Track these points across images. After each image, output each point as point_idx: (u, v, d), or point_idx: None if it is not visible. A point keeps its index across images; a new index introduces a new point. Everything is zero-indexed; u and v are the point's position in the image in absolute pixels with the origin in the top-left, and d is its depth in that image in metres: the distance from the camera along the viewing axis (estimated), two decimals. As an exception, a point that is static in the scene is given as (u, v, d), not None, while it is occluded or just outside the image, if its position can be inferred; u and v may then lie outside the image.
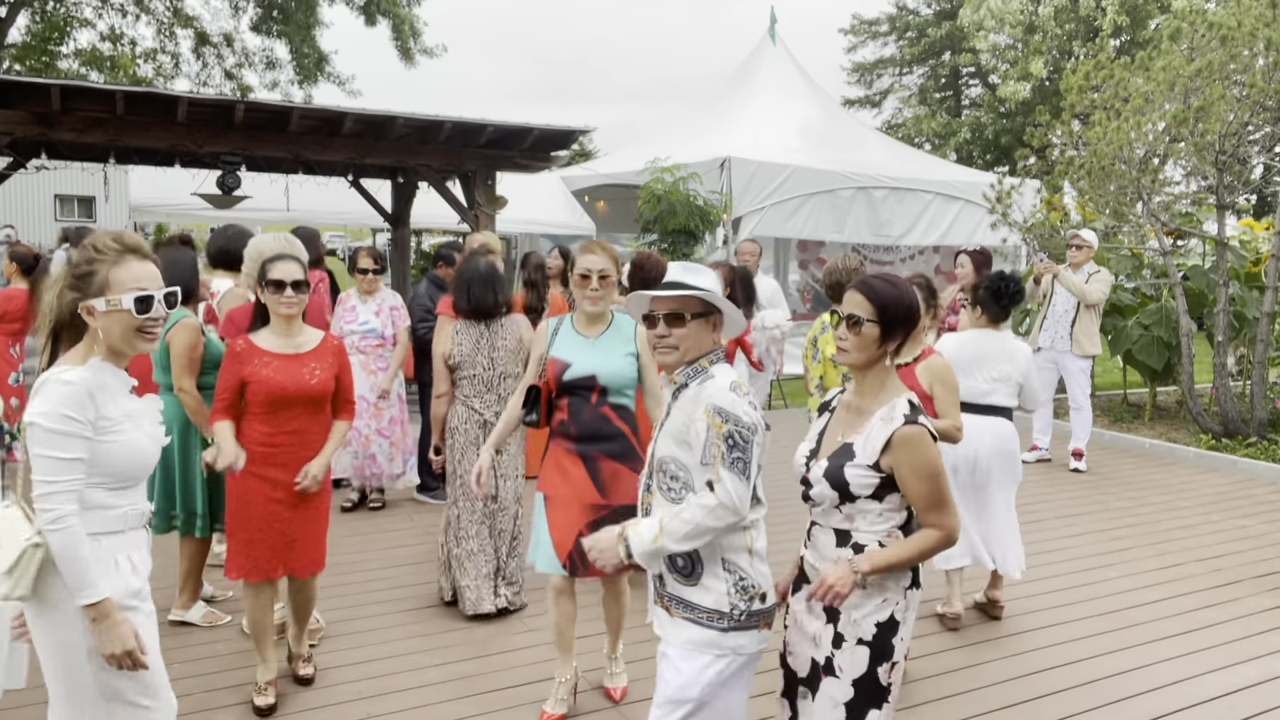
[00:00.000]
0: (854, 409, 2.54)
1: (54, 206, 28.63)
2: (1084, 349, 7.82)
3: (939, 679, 4.09)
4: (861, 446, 2.43)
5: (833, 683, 2.47)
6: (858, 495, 2.42)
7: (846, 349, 2.50)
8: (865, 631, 2.44)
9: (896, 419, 2.40)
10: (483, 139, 8.59)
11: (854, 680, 2.45)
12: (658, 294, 2.52)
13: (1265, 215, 14.89)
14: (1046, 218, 9.92)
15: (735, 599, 2.44)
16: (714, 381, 2.46)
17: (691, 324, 2.50)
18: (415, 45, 23.12)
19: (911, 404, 2.44)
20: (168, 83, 22.26)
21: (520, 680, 3.96)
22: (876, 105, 36.16)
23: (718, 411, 2.39)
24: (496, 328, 4.54)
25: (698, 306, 2.51)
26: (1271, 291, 8.38)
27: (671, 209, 10.82)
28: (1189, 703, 3.93)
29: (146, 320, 2.30)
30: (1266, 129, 8.71)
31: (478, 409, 4.54)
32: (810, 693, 2.53)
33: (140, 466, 2.35)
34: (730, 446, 2.36)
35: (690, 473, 2.47)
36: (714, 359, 2.54)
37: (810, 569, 2.57)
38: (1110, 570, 5.49)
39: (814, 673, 2.52)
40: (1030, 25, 26.64)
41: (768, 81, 14.25)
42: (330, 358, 3.68)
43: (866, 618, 2.44)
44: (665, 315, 2.51)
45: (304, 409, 3.60)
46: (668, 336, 2.51)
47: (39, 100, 7.24)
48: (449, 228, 12.94)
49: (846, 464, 2.43)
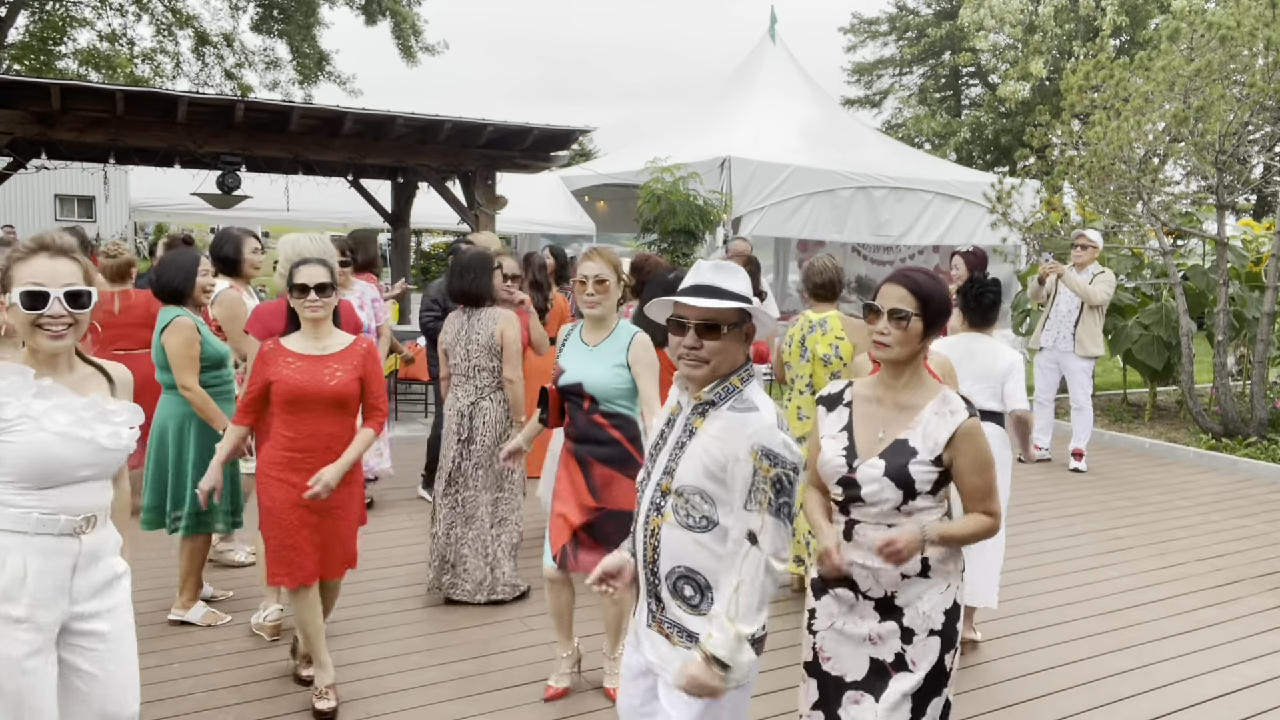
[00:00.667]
0: (891, 404, 2.50)
1: (54, 206, 28.63)
2: (1086, 349, 7.81)
3: (939, 679, 4.09)
4: (921, 442, 2.42)
5: (905, 678, 2.44)
6: (920, 491, 2.41)
7: (889, 343, 2.43)
8: (936, 621, 2.44)
9: (958, 412, 2.42)
10: (482, 139, 8.59)
11: (926, 672, 2.43)
12: (695, 301, 2.22)
13: (1265, 215, 14.90)
14: (1046, 218, 9.92)
15: None
16: (759, 417, 2.21)
17: (727, 336, 2.23)
18: (416, 43, 23.13)
19: (964, 397, 2.46)
20: (167, 83, 22.26)
21: (520, 680, 3.96)
22: (876, 105, 36.15)
23: (766, 454, 2.16)
24: (476, 320, 4.66)
25: (734, 316, 2.25)
26: (1271, 291, 8.38)
27: (671, 209, 10.82)
28: (1189, 702, 3.93)
29: (41, 317, 2.27)
30: (1266, 128, 8.70)
31: (459, 397, 4.71)
32: (870, 694, 2.47)
33: (44, 466, 2.27)
34: (778, 492, 2.16)
35: (716, 508, 2.23)
36: (745, 376, 2.29)
37: (859, 570, 2.48)
38: (1110, 570, 5.50)
39: (876, 672, 2.46)
40: (1030, 25, 26.63)
41: (768, 81, 14.25)
42: (356, 360, 3.63)
43: (935, 608, 2.43)
44: (698, 325, 2.23)
45: (325, 411, 3.55)
46: (699, 349, 2.23)
47: (39, 100, 7.24)
48: (449, 228, 12.95)
49: (910, 461, 2.41)
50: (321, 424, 3.56)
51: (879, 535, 2.41)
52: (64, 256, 2.34)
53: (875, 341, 2.46)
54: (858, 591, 2.49)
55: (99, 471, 2.38)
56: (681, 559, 2.27)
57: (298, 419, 3.54)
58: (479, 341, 4.63)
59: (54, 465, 2.28)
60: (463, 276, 4.66)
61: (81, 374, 2.44)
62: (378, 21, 22.58)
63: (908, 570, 2.43)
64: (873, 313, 2.48)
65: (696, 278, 2.30)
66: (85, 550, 2.37)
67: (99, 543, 2.42)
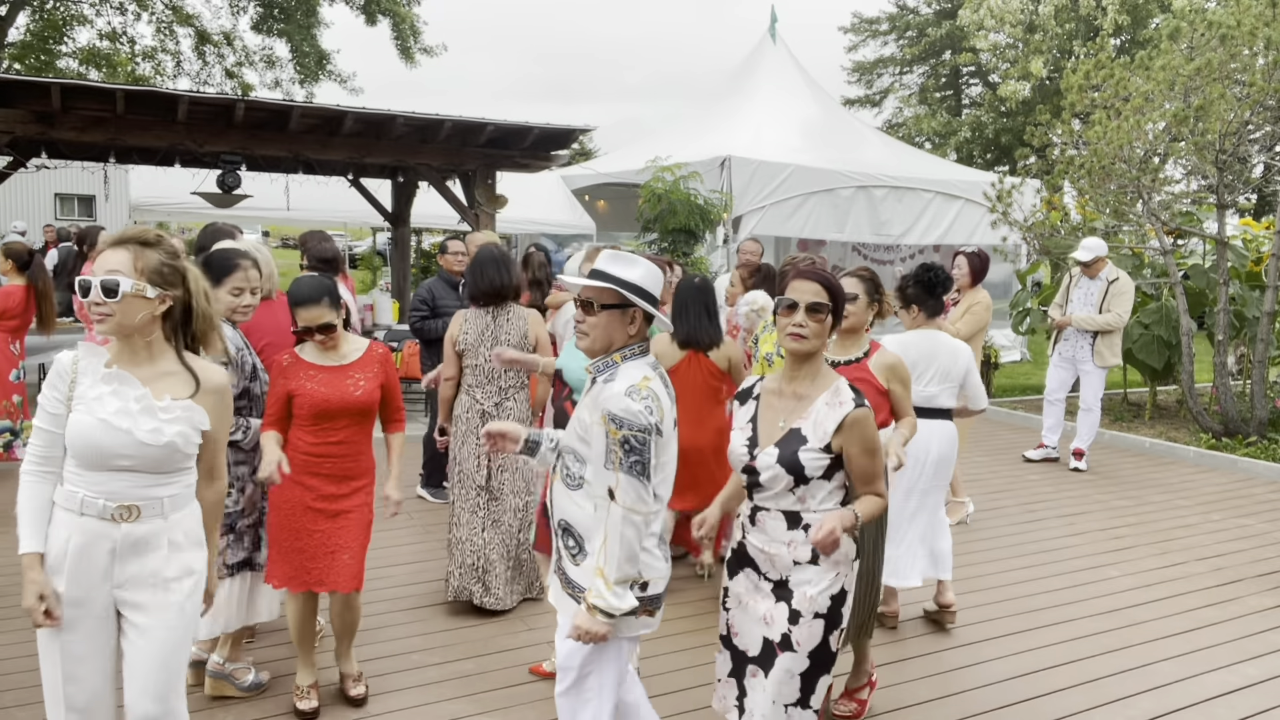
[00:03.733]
0: (791, 395, 2.67)
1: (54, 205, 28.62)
2: (1105, 360, 7.77)
3: (939, 678, 4.09)
4: (811, 430, 2.59)
5: (790, 657, 2.61)
6: (811, 477, 2.57)
7: (806, 335, 2.59)
8: (821, 605, 2.60)
9: (846, 402, 2.58)
10: (483, 138, 8.59)
11: (810, 652, 2.61)
12: (575, 280, 2.61)
13: (1265, 214, 14.89)
14: (1047, 217, 9.92)
15: None
16: (612, 387, 2.50)
17: (601, 314, 2.55)
18: (415, 44, 23.10)
19: (852, 387, 2.62)
20: (168, 82, 22.25)
21: (520, 679, 3.96)
22: (877, 104, 36.12)
23: (612, 418, 2.45)
24: (503, 319, 4.59)
25: (610, 298, 2.55)
26: (1272, 290, 8.38)
27: (672, 208, 10.82)
28: (1189, 701, 3.93)
29: (87, 304, 2.37)
30: (1267, 128, 8.71)
31: (479, 399, 4.60)
32: (762, 669, 2.66)
33: (85, 447, 2.34)
34: (627, 451, 2.43)
35: (586, 467, 2.56)
36: (628, 354, 2.58)
37: (757, 553, 2.69)
38: (1111, 569, 5.50)
39: (767, 650, 2.65)
40: (1030, 24, 26.61)
41: (768, 81, 14.24)
42: (375, 367, 3.60)
43: (822, 593, 2.60)
44: (582, 302, 2.59)
45: (349, 420, 3.54)
46: (582, 322, 2.59)
47: (39, 99, 7.23)
48: (449, 227, 12.95)
49: (800, 449, 2.57)
50: (344, 432, 3.54)
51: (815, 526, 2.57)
52: (120, 246, 2.40)
53: (791, 334, 2.61)
54: (760, 573, 2.69)
55: (140, 464, 2.38)
56: (564, 513, 2.62)
57: (321, 429, 3.51)
58: (509, 341, 4.55)
59: (94, 448, 2.35)
60: (483, 275, 4.55)
61: (163, 369, 2.46)
62: (378, 22, 22.56)
63: (799, 557, 2.61)
64: (788, 308, 2.62)
65: (597, 263, 2.63)
66: (124, 539, 2.40)
67: (144, 535, 2.41)
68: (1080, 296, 7.87)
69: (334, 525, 3.56)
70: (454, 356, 4.65)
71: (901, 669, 4.17)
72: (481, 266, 4.57)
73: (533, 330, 4.64)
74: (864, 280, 3.76)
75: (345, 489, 3.57)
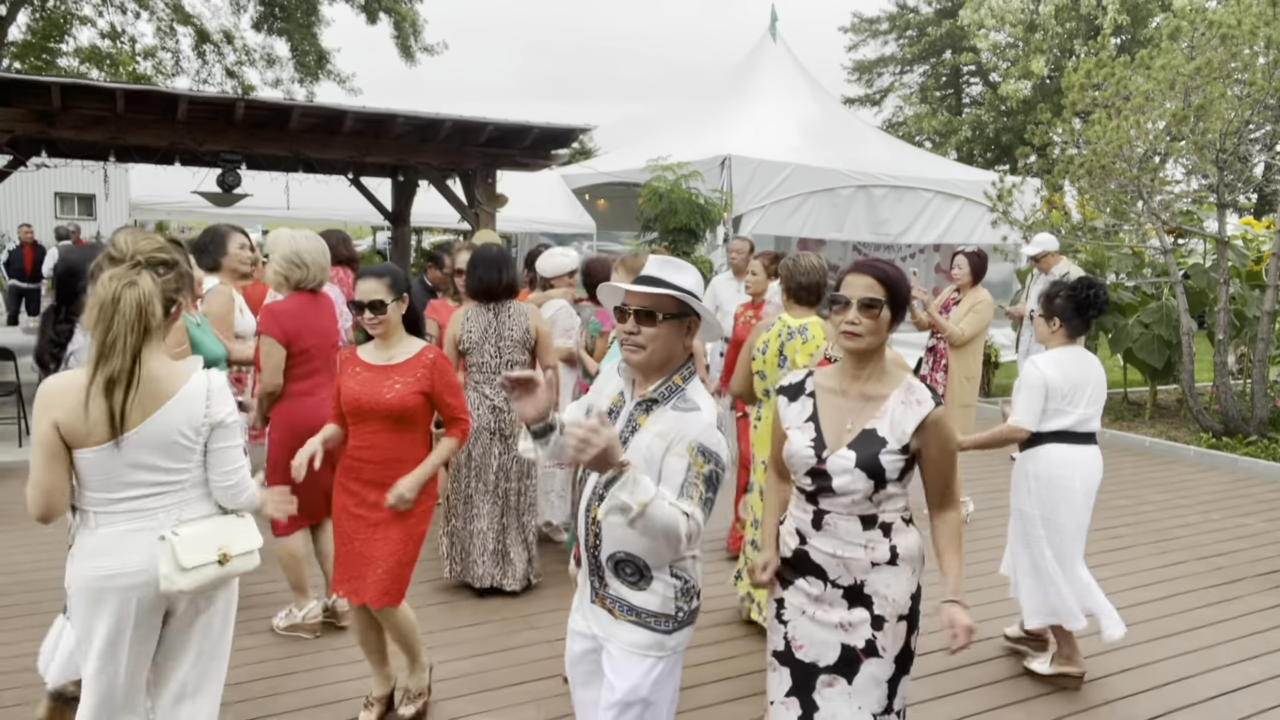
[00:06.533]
0: (857, 395, 2.53)
1: (54, 204, 28.61)
2: None
3: (938, 677, 4.09)
4: (889, 431, 2.46)
5: (877, 663, 2.50)
6: (890, 480, 2.46)
7: (861, 333, 2.46)
8: (903, 607, 2.50)
9: (925, 401, 2.47)
10: (483, 137, 8.58)
11: (896, 656, 2.51)
12: (632, 288, 2.37)
13: (1266, 214, 14.88)
14: (1047, 216, 9.91)
15: (680, 602, 2.41)
16: (700, 417, 2.32)
17: (663, 325, 2.34)
18: (416, 43, 23.08)
19: (926, 385, 2.52)
20: (168, 81, 22.23)
21: (520, 679, 3.96)
22: (877, 104, 36.10)
23: (702, 451, 2.27)
24: (504, 316, 4.66)
25: (672, 307, 2.36)
26: (1272, 290, 8.38)
27: (672, 207, 10.83)
28: (1189, 700, 3.93)
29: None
30: (1267, 127, 8.71)
31: (488, 395, 4.73)
32: (844, 678, 2.53)
33: None
34: (708, 487, 2.26)
35: None
36: (687, 375, 2.41)
37: (824, 557, 2.53)
38: (1111, 569, 5.49)
39: (848, 658, 2.52)
40: (1031, 24, 26.61)
41: (768, 80, 14.24)
42: (419, 371, 3.43)
43: (902, 594, 2.50)
44: (636, 311, 2.35)
45: (383, 424, 3.40)
46: (636, 334, 2.35)
47: (39, 98, 7.23)
48: (449, 226, 12.94)
49: (880, 451, 2.45)
50: (378, 436, 3.41)
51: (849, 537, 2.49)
52: None
53: (845, 332, 2.48)
54: (827, 580, 2.54)
55: None
56: (623, 545, 2.38)
57: (357, 429, 3.46)
58: (512, 337, 4.65)
59: None
60: (486, 273, 4.61)
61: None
62: (378, 20, 22.54)
63: (877, 559, 2.50)
64: (840, 304, 2.50)
65: (646, 269, 2.43)
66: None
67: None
68: (1037, 292, 7.96)
69: (372, 535, 3.42)
70: (454, 356, 4.72)
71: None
72: (474, 265, 4.66)
73: (533, 325, 4.72)
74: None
75: (383, 497, 3.40)
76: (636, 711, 2.42)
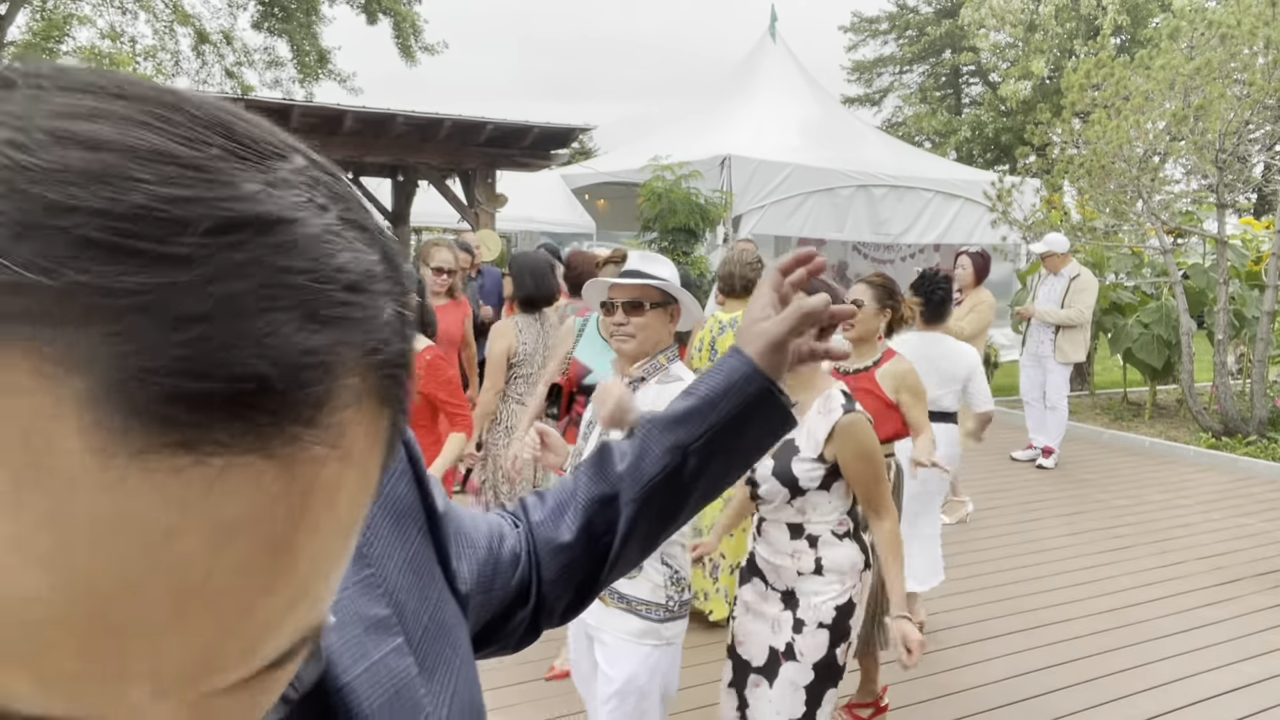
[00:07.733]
0: None
1: (54, 204, 28.66)
2: (1067, 356, 7.85)
3: (938, 677, 4.09)
4: (804, 440, 2.52)
5: (793, 667, 2.56)
6: (807, 488, 2.51)
7: (631, 333, 2.59)
8: (825, 615, 2.55)
9: (835, 409, 2.52)
10: (482, 137, 8.59)
11: (814, 663, 2.55)
12: (616, 281, 2.56)
13: (1265, 214, 14.89)
14: (1047, 216, 9.92)
15: (670, 590, 2.48)
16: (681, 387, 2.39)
17: (650, 313, 2.54)
18: (416, 43, 23.08)
19: (843, 392, 2.56)
20: (168, 81, 22.15)
21: (521, 679, 3.96)
22: (876, 103, 36.10)
23: None
24: (550, 327, 4.55)
25: (656, 296, 2.56)
26: (1272, 290, 8.38)
27: (672, 207, 10.82)
28: (1189, 700, 3.93)
29: None
30: (1267, 127, 8.71)
31: (528, 404, 4.49)
32: (766, 680, 2.61)
33: None
34: None
35: None
36: (671, 356, 2.59)
37: (763, 563, 2.66)
38: (1110, 568, 5.50)
39: (772, 660, 2.60)
40: (1031, 24, 26.62)
41: (768, 80, 14.24)
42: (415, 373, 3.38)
43: (826, 602, 2.55)
44: (624, 303, 2.55)
45: None
46: (625, 325, 2.54)
47: (39, 98, 7.24)
48: (449, 226, 12.95)
49: (793, 459, 2.51)
50: None
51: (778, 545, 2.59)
52: None
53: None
54: (767, 583, 2.66)
55: None
56: None
57: None
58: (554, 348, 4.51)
59: None
60: (531, 280, 4.44)
61: None
62: (378, 21, 22.55)
63: (802, 569, 2.56)
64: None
65: (627, 264, 2.62)
66: None
67: None
68: (1045, 293, 7.98)
69: None
70: (504, 367, 4.48)
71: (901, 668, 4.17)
72: (519, 275, 4.51)
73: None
74: (873, 286, 3.59)
75: None
76: (635, 700, 2.49)
